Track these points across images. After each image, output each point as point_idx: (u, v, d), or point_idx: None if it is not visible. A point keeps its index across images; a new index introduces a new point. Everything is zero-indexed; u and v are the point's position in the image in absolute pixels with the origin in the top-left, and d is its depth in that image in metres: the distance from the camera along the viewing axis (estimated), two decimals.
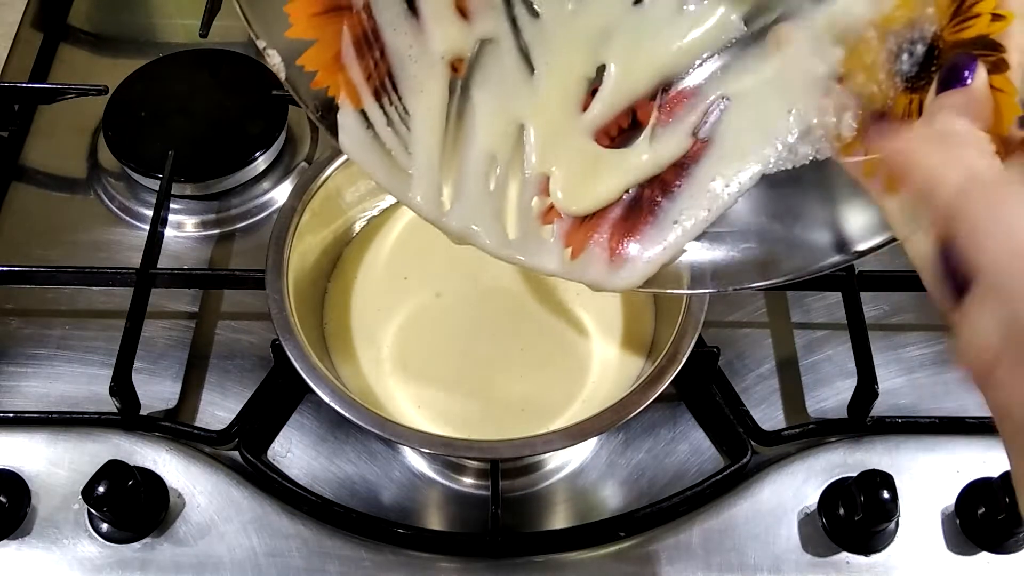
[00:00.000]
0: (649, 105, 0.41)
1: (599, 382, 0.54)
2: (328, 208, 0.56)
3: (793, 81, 0.37)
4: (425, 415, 0.53)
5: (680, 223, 0.41)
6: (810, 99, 0.36)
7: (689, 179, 0.40)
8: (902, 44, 0.33)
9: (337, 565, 0.50)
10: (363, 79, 0.41)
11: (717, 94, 0.39)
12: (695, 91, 0.40)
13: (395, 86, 0.42)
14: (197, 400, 0.58)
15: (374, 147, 0.42)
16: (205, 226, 0.67)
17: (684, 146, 0.40)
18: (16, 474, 0.52)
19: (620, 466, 0.56)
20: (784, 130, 0.37)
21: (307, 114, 0.43)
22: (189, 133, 0.68)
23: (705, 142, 0.40)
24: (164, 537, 0.51)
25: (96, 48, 0.79)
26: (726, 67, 0.39)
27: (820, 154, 0.37)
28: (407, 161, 0.42)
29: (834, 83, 0.35)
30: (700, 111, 0.40)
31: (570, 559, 0.51)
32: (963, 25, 0.31)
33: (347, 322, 0.56)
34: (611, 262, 0.42)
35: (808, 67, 0.36)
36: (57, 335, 0.61)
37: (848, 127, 0.35)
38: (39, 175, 0.70)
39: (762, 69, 0.38)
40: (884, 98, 0.34)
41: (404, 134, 0.42)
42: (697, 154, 0.40)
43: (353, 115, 0.42)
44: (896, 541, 0.51)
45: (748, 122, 0.39)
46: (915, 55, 0.33)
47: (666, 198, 0.41)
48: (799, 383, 0.59)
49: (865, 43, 0.34)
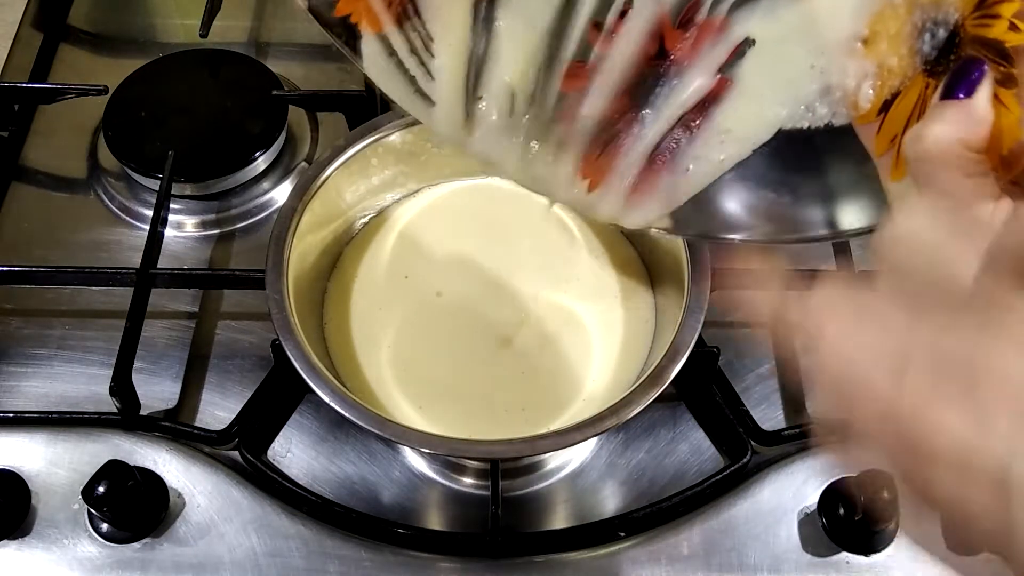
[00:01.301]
0: (677, 33, 0.40)
1: (599, 382, 0.54)
2: (328, 208, 0.56)
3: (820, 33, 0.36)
4: (425, 415, 0.53)
5: (693, 168, 0.40)
6: (833, 57, 0.35)
7: (708, 121, 0.40)
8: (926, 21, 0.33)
9: (337, 565, 0.50)
10: (384, 6, 0.41)
11: (743, 34, 0.38)
12: (723, 26, 0.39)
13: (418, 11, 0.41)
14: (197, 400, 0.58)
15: (397, 73, 0.42)
16: (205, 226, 0.67)
17: (708, 84, 0.39)
18: (16, 474, 0.52)
19: (620, 466, 0.56)
20: (805, 84, 0.37)
21: (331, 40, 0.42)
22: (189, 133, 0.68)
23: (727, 83, 0.39)
24: (164, 537, 0.51)
25: (96, 48, 0.79)
26: (755, 4, 0.38)
27: (836, 119, 0.36)
28: (430, 87, 0.42)
29: (858, 45, 0.34)
30: (726, 49, 0.39)
31: (570, 559, 0.51)
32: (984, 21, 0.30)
33: (347, 322, 0.56)
34: (627, 199, 0.42)
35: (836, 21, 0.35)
36: (57, 335, 0.61)
37: (866, 96, 0.35)
38: (39, 175, 0.70)
39: (790, 14, 0.37)
40: (902, 74, 0.34)
41: (428, 60, 0.42)
42: (718, 95, 0.39)
43: (375, 42, 0.42)
44: (896, 541, 0.51)
45: (770, 67, 0.38)
46: (936, 38, 0.32)
47: (685, 138, 0.40)
48: (799, 383, 0.59)
49: (892, 8, 0.33)
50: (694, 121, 0.40)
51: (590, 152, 0.42)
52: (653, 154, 0.41)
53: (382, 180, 0.59)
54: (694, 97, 0.40)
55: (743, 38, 0.38)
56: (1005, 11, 0.30)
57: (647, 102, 0.41)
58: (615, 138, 0.42)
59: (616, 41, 0.40)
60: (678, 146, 0.41)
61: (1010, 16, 0.29)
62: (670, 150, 0.41)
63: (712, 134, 0.40)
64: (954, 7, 0.32)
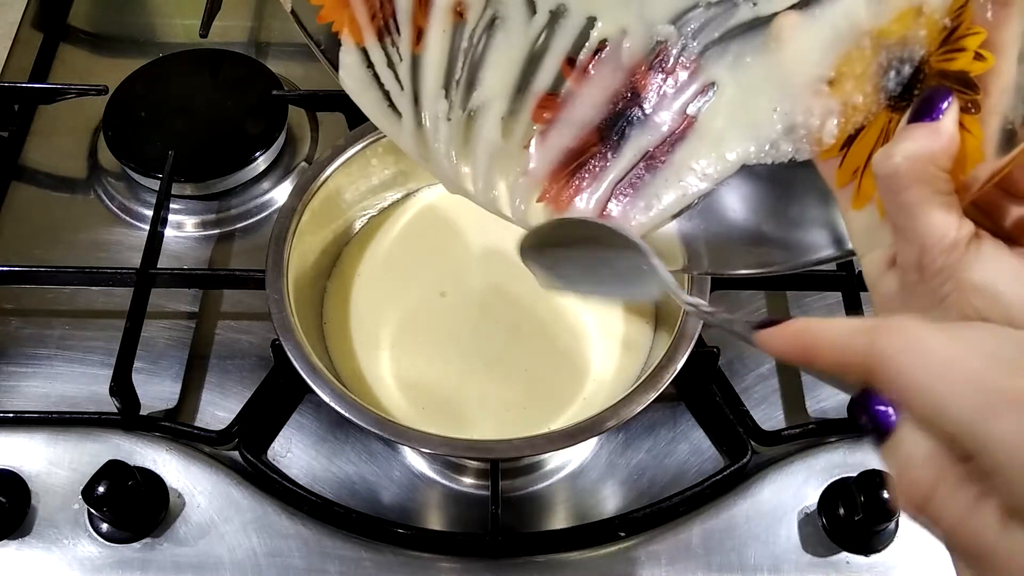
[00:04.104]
0: (647, 74, 0.41)
1: (599, 382, 0.54)
2: (328, 208, 0.56)
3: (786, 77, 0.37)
4: (425, 415, 0.53)
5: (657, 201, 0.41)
6: (799, 98, 0.36)
7: (672, 156, 0.41)
8: (892, 60, 0.34)
9: (337, 565, 0.50)
10: (367, 18, 0.42)
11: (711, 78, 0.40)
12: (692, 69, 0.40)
13: (399, 28, 0.42)
14: (197, 400, 0.58)
15: (372, 86, 0.43)
16: (205, 226, 0.67)
17: (674, 124, 0.41)
18: (16, 474, 0.52)
19: (620, 466, 0.56)
20: (768, 125, 0.38)
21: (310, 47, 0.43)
22: (189, 133, 0.68)
23: (692, 123, 0.40)
24: (164, 537, 0.51)
25: (96, 48, 0.79)
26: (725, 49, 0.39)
27: (799, 155, 0.37)
28: (402, 103, 0.43)
29: (824, 86, 0.35)
30: (693, 92, 0.40)
31: (570, 559, 0.51)
32: (949, 56, 0.31)
33: (347, 322, 0.56)
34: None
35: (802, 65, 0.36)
36: (57, 335, 0.61)
37: (830, 133, 0.35)
38: (39, 175, 0.70)
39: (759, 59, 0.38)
40: (866, 111, 0.34)
41: (403, 75, 0.43)
42: (683, 134, 0.40)
43: (355, 53, 0.42)
44: (896, 541, 0.51)
45: (734, 110, 0.39)
46: (902, 74, 0.33)
47: (648, 174, 0.41)
48: (799, 383, 0.59)
49: (859, 51, 0.34)
50: (659, 158, 0.41)
51: (553, 181, 0.43)
52: (616, 187, 0.42)
53: (382, 180, 0.59)
54: (660, 136, 0.41)
55: (710, 82, 0.40)
56: (970, 44, 0.30)
57: (614, 137, 0.42)
58: (580, 169, 0.43)
59: (589, 78, 0.41)
60: (641, 181, 0.42)
61: (975, 48, 0.30)
62: (632, 185, 0.42)
63: (675, 171, 0.41)
64: (919, 44, 0.33)
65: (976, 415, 0.23)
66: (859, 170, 0.34)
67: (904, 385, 0.24)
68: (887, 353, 0.25)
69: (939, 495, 0.24)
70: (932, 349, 0.24)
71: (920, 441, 0.24)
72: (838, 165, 0.35)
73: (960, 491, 0.24)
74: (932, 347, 0.24)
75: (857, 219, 0.34)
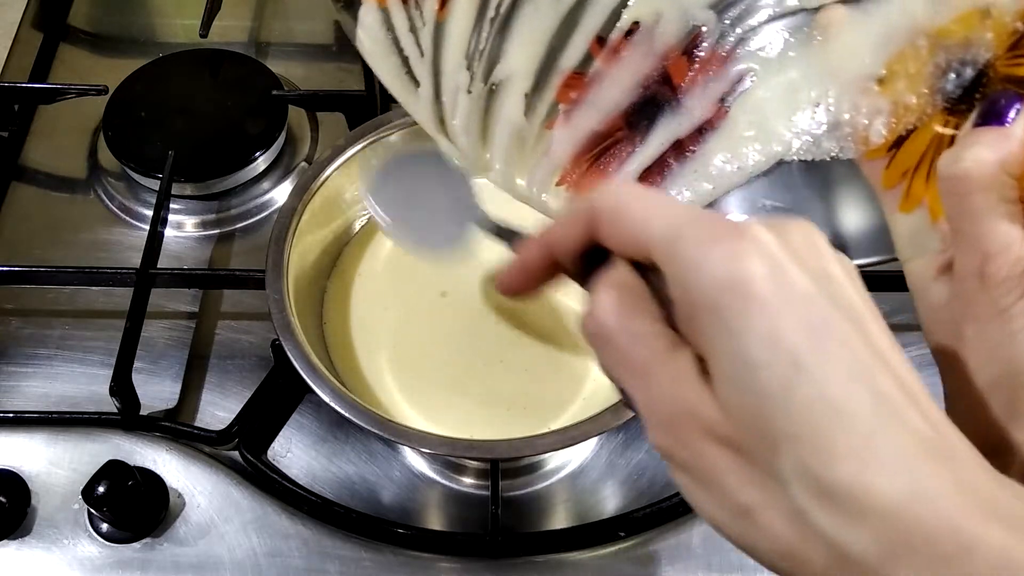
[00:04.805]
0: (681, 60, 0.39)
1: (599, 382, 0.54)
2: (328, 208, 0.56)
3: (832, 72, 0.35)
4: (425, 415, 0.53)
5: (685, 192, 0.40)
6: (845, 95, 0.35)
7: (703, 146, 0.39)
8: (952, 62, 0.32)
9: (337, 565, 0.50)
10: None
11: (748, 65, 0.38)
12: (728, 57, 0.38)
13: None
14: (197, 400, 0.58)
15: (391, 50, 0.41)
16: (205, 226, 0.67)
17: (708, 113, 0.39)
18: (16, 474, 0.52)
19: (620, 466, 0.56)
20: (810, 121, 0.36)
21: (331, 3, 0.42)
22: (189, 133, 0.68)
23: (726, 113, 0.38)
24: (164, 537, 0.51)
25: (96, 48, 0.79)
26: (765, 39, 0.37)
27: (843, 153, 0.36)
28: (420, 70, 0.41)
29: (873, 84, 0.34)
30: (728, 81, 0.38)
31: (570, 559, 0.51)
32: (1018, 60, 0.30)
33: (347, 322, 0.56)
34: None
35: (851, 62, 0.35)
36: (57, 335, 0.61)
37: (878, 133, 0.34)
38: (39, 175, 0.70)
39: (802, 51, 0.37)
40: (920, 112, 0.33)
41: (424, 41, 0.41)
42: (716, 122, 0.39)
43: (375, 13, 0.41)
44: None
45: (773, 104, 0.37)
46: (962, 77, 0.32)
47: (677, 163, 0.40)
48: None
49: (914, 50, 0.33)
50: (689, 147, 0.40)
51: (576, 165, 0.42)
52: (643, 175, 0.41)
53: None
54: (691, 124, 0.39)
55: (747, 72, 0.38)
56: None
57: (642, 123, 0.40)
58: (604, 154, 0.41)
59: (619, 59, 0.40)
60: (669, 170, 0.40)
61: None
62: (660, 173, 0.40)
63: (705, 162, 0.39)
64: (985, 47, 0.32)
65: (669, 232, 0.25)
66: (909, 172, 0.33)
67: (615, 218, 0.27)
68: (605, 203, 0.27)
69: (624, 322, 0.27)
70: (639, 191, 0.27)
71: (624, 271, 0.27)
72: (885, 166, 0.34)
73: (644, 316, 0.26)
74: (639, 190, 0.27)
75: (903, 222, 0.33)
